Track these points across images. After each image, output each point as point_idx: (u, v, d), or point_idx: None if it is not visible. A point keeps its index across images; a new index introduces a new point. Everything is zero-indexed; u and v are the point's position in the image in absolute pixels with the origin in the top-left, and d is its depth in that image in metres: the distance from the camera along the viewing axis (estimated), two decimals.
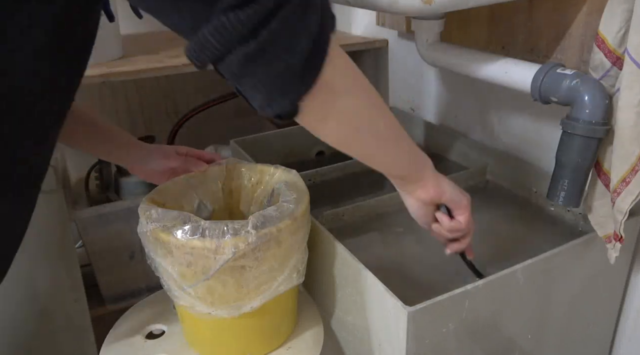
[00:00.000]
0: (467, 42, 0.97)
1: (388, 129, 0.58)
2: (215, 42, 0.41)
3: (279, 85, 0.45)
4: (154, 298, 0.82)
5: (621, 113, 0.64)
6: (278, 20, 0.41)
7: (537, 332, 0.76)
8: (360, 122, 0.55)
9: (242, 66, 0.42)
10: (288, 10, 0.41)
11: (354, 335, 0.75)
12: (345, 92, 0.51)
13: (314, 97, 0.47)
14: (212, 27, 0.40)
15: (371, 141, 0.58)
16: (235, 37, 0.41)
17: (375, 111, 0.57)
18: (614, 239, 0.71)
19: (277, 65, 0.43)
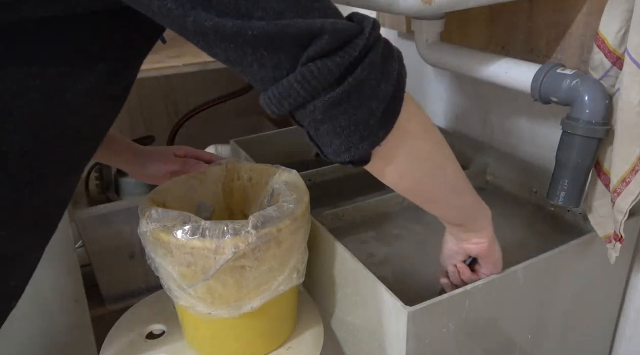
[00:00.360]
0: (467, 42, 0.97)
1: (454, 177, 0.59)
2: (300, 90, 0.42)
3: (360, 130, 0.45)
4: (154, 298, 0.82)
5: (621, 113, 0.64)
6: (363, 67, 0.42)
7: (537, 332, 0.76)
8: (428, 167, 0.56)
9: (326, 111, 0.43)
10: (372, 57, 0.43)
11: (354, 335, 0.75)
12: (417, 137, 0.52)
13: (389, 141, 0.48)
14: (300, 75, 0.41)
15: (437, 188, 0.58)
16: (322, 85, 0.42)
17: (444, 158, 0.57)
18: (614, 239, 0.71)
19: (361, 111, 0.44)
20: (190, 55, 1.14)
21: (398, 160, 0.51)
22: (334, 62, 0.41)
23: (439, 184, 0.58)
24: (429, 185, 0.57)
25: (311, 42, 0.41)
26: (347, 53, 0.42)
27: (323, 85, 0.42)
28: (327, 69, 0.41)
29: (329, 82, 0.42)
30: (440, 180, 0.57)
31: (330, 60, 0.41)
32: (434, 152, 0.55)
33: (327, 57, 0.41)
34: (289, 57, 0.41)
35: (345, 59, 0.41)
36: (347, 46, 0.42)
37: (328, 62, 0.41)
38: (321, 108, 0.43)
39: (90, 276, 1.12)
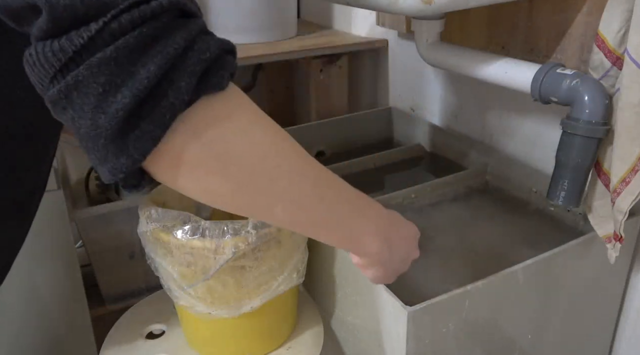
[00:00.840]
0: (467, 42, 0.97)
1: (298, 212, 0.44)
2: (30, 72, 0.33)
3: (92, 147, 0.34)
4: (154, 298, 0.82)
5: (621, 113, 0.64)
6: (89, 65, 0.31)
7: (537, 332, 0.76)
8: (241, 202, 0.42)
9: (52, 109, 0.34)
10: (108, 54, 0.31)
11: (354, 335, 0.75)
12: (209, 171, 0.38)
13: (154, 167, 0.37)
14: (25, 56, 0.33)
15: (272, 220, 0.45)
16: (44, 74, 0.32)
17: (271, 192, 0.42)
18: (614, 239, 0.71)
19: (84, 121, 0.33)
20: None
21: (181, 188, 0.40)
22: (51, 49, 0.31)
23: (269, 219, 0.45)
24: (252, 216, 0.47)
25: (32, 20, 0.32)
26: (70, 40, 0.31)
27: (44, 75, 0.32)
28: (44, 55, 0.31)
29: (49, 72, 0.32)
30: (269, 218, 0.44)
31: (50, 45, 0.31)
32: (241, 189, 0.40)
33: (50, 40, 0.31)
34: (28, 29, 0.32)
35: (66, 47, 0.31)
36: (75, 32, 0.31)
37: (47, 46, 0.31)
38: (48, 102, 0.33)
39: (90, 276, 1.12)
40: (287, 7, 1.30)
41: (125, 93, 0.32)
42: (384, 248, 0.53)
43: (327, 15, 1.45)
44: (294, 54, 1.21)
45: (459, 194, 0.99)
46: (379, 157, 1.09)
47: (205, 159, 0.37)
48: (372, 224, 0.51)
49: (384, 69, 1.32)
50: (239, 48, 0.99)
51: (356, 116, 1.24)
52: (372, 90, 1.39)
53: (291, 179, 0.42)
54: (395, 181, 1.07)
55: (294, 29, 1.33)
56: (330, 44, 1.26)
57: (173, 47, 0.33)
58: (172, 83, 0.33)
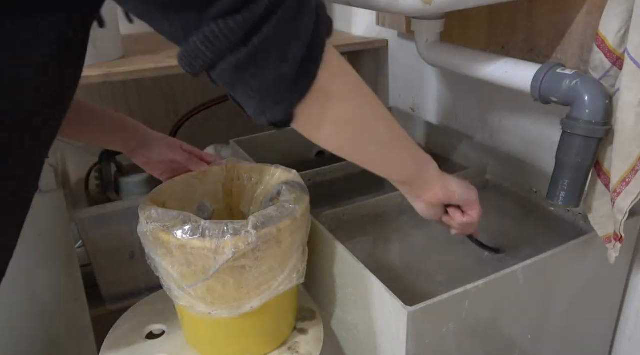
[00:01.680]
0: (467, 42, 0.97)
1: (388, 134, 0.57)
2: (205, 51, 0.40)
3: (272, 93, 0.43)
4: (154, 298, 0.82)
5: (621, 113, 0.64)
6: (269, 27, 0.40)
7: (537, 332, 0.76)
8: (357, 128, 0.53)
9: (234, 74, 0.42)
10: (280, 16, 0.40)
11: (354, 335, 0.75)
12: (341, 99, 0.49)
13: (308, 105, 0.46)
14: (202, 36, 0.39)
15: (371, 147, 0.56)
16: (226, 45, 0.40)
17: (373, 117, 0.55)
18: (614, 239, 0.71)
19: (269, 73, 0.42)
20: None
21: (322, 123, 0.49)
22: (235, 21, 0.39)
23: (371, 145, 0.56)
24: (358, 145, 0.55)
25: (213, 2, 0.38)
26: (251, 10, 0.39)
27: (227, 46, 0.40)
28: (228, 29, 0.39)
29: (232, 42, 0.40)
30: (371, 141, 0.56)
31: (233, 19, 0.38)
32: (360, 114, 0.53)
33: (230, 15, 0.38)
34: (195, 16, 0.39)
35: (248, 17, 0.39)
36: (252, 3, 0.39)
37: (230, 21, 0.38)
38: (228, 70, 0.41)
39: (90, 276, 1.12)
40: None
41: (298, 43, 0.42)
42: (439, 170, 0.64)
43: None
44: None
45: None
46: None
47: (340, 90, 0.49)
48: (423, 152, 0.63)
49: (384, 69, 1.32)
50: None
51: None
52: (372, 90, 1.39)
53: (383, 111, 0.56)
54: None
55: None
56: (330, 44, 1.26)
57: (314, 5, 0.43)
58: (318, 32, 0.43)
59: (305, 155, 1.17)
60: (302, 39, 0.42)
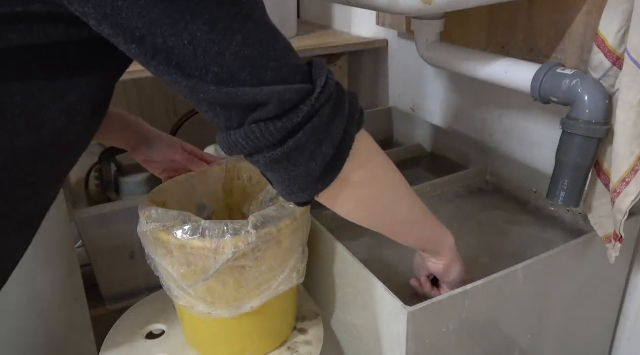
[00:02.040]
0: (467, 42, 0.97)
1: (408, 214, 0.62)
2: (245, 145, 0.46)
3: (300, 183, 0.49)
4: (154, 298, 0.82)
5: (621, 113, 0.64)
6: (304, 133, 0.46)
7: (537, 332, 0.76)
8: (376, 210, 0.58)
9: (267, 165, 0.48)
10: (315, 123, 0.46)
11: (354, 335, 0.75)
12: (362, 186, 0.54)
13: (330, 190, 0.51)
14: (244, 133, 0.45)
15: (388, 226, 0.62)
16: (264, 145, 0.45)
17: (393, 200, 0.59)
18: (614, 239, 0.71)
19: (300, 169, 0.48)
20: None
21: (342, 204, 0.55)
22: (276, 127, 0.44)
23: (389, 223, 0.61)
24: (377, 223, 0.60)
25: (257, 109, 0.44)
26: (290, 119, 0.45)
27: (265, 145, 0.46)
28: (269, 132, 0.45)
29: (270, 142, 0.45)
30: (390, 220, 0.61)
31: (273, 124, 0.44)
32: (381, 197, 0.57)
33: (271, 121, 0.44)
34: (238, 116, 0.45)
35: (287, 124, 0.45)
36: (291, 113, 0.45)
37: (271, 126, 0.44)
38: (263, 162, 0.47)
39: (90, 276, 1.12)
40: (287, 7, 1.30)
41: (328, 145, 0.47)
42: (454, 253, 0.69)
43: (327, 15, 1.45)
44: None
45: (459, 194, 0.99)
46: None
47: (361, 180, 0.53)
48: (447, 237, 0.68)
49: (384, 69, 1.32)
50: None
51: None
52: (372, 90, 1.39)
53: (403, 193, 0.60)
54: None
55: (294, 29, 1.33)
56: (330, 44, 1.26)
57: (346, 109, 0.49)
58: (348, 132, 0.49)
59: None
60: (332, 142, 0.48)
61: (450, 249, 0.68)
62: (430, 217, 0.65)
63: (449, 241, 0.68)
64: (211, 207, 0.78)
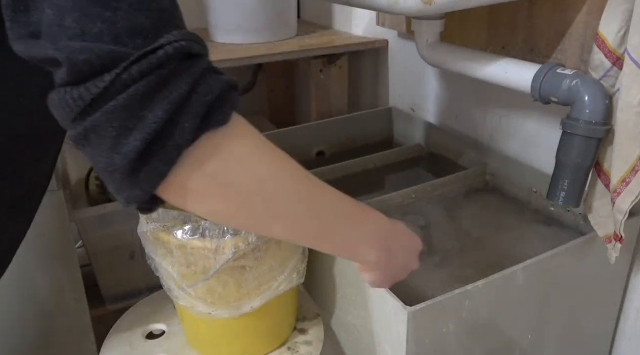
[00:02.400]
0: (467, 42, 0.97)
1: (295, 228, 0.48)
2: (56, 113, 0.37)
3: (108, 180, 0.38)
4: (154, 298, 0.82)
5: (621, 113, 0.64)
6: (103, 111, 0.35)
7: (537, 332, 0.76)
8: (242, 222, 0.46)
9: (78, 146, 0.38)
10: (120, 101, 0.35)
11: (354, 335, 0.75)
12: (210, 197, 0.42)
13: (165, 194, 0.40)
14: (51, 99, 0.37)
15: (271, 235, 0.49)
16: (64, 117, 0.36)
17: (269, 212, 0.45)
18: (614, 239, 0.71)
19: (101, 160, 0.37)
20: None
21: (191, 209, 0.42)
22: (71, 96, 0.35)
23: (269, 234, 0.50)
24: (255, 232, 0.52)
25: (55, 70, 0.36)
26: (87, 89, 0.35)
27: (65, 117, 0.36)
28: (64, 101, 0.35)
29: (69, 115, 0.36)
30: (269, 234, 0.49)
31: (69, 92, 0.35)
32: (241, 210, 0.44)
33: (71, 87, 0.35)
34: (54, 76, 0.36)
35: (84, 95, 0.35)
36: (90, 81, 0.35)
37: (67, 94, 0.35)
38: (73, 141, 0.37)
39: (90, 276, 1.12)
40: (287, 7, 1.30)
41: (136, 136, 0.36)
42: (382, 256, 0.55)
43: (327, 15, 1.45)
44: (294, 54, 1.21)
45: (459, 194, 0.99)
46: (379, 157, 1.09)
47: (207, 188, 0.41)
48: (368, 235, 0.54)
49: (384, 69, 1.32)
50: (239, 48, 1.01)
51: (356, 116, 1.24)
52: (372, 90, 1.39)
53: (286, 200, 0.46)
54: (395, 181, 1.07)
55: (294, 29, 1.33)
56: (330, 44, 1.26)
57: (178, 92, 0.36)
58: (177, 124, 0.37)
59: (305, 155, 1.17)
60: (142, 133, 0.36)
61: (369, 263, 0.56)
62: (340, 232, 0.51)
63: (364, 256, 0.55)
64: None
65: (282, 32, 1.28)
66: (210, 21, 1.28)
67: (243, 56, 1.13)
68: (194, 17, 1.42)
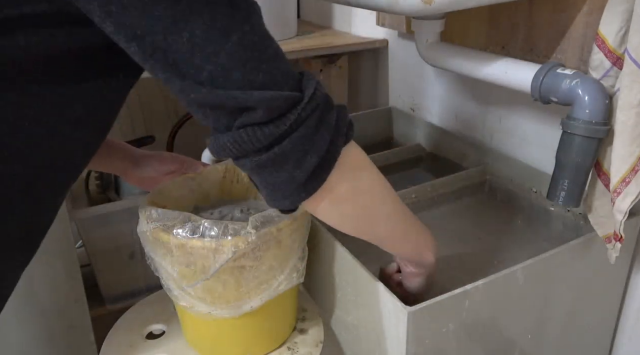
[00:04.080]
0: (467, 42, 0.97)
1: (390, 230, 0.63)
2: (232, 149, 0.46)
3: (283, 189, 0.50)
4: (154, 298, 0.82)
5: (621, 113, 0.64)
6: (290, 140, 0.46)
7: (537, 332, 0.76)
8: (360, 223, 0.59)
9: (253, 169, 0.48)
10: (301, 132, 0.46)
11: (354, 335, 0.75)
12: (347, 198, 0.54)
13: (314, 200, 0.51)
14: (232, 138, 0.46)
15: (371, 237, 0.62)
16: (251, 149, 0.46)
17: (376, 216, 0.60)
18: (614, 239, 0.71)
19: (284, 175, 0.48)
20: None
21: (325, 214, 0.55)
22: (263, 133, 0.45)
23: (372, 235, 0.62)
24: (361, 234, 0.61)
25: (245, 113, 0.45)
26: (277, 126, 0.45)
27: (252, 149, 0.46)
28: (256, 137, 0.45)
29: (257, 147, 0.46)
30: (372, 233, 0.62)
31: (260, 130, 0.45)
32: (364, 211, 0.58)
33: (259, 126, 0.45)
34: (226, 118, 0.46)
35: (274, 131, 0.45)
36: (279, 120, 0.45)
37: (258, 131, 0.45)
38: (249, 165, 0.48)
39: (90, 276, 1.12)
40: (287, 7, 1.30)
41: (313, 155, 0.48)
42: (434, 263, 0.69)
43: (327, 15, 1.45)
44: (294, 54, 1.21)
45: (459, 194, 0.99)
46: (379, 157, 1.09)
47: (346, 192, 0.54)
48: (431, 243, 0.68)
49: (384, 69, 1.32)
50: None
51: (356, 116, 1.24)
52: (372, 90, 1.39)
53: (389, 205, 0.61)
54: (395, 181, 1.07)
55: (293, 29, 1.33)
56: (330, 44, 1.26)
57: (333, 119, 0.49)
58: (334, 143, 0.49)
59: None
60: (317, 151, 0.48)
61: (426, 266, 0.69)
62: (415, 235, 0.66)
63: (427, 259, 0.68)
64: None
65: (282, 32, 1.28)
66: None
67: None
68: None
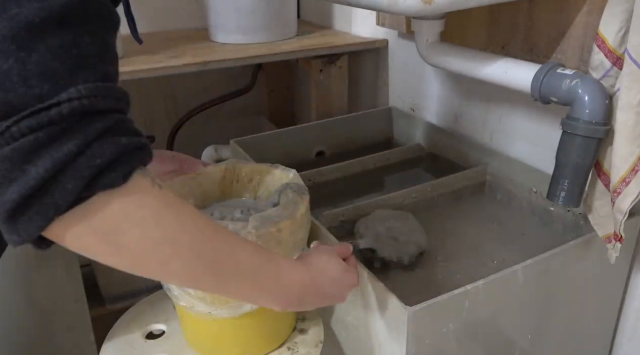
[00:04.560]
0: (467, 42, 0.97)
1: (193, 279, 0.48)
2: None
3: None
4: (154, 298, 0.82)
5: (621, 113, 0.64)
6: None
7: (537, 332, 0.76)
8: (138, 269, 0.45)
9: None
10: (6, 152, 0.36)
11: (354, 335, 0.75)
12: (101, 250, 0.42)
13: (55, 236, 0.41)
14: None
15: None
16: None
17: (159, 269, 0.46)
18: (614, 239, 0.71)
19: None
20: (190, 56, 1.14)
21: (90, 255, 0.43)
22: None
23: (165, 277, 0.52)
24: None
25: None
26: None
27: None
28: None
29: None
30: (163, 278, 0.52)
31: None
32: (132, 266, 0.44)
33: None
34: None
35: None
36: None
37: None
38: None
39: (90, 276, 1.12)
40: (287, 7, 1.30)
41: (14, 189, 0.36)
42: (288, 307, 0.57)
43: (327, 15, 1.45)
44: (294, 54, 1.21)
45: (459, 194, 0.99)
46: (379, 157, 1.09)
47: (99, 246, 0.42)
48: (273, 294, 0.54)
49: (384, 69, 1.32)
50: (239, 48, 0.99)
51: (356, 116, 1.24)
52: (372, 90, 1.39)
53: (184, 261, 0.45)
54: (395, 181, 1.07)
55: (293, 29, 1.33)
56: (330, 44, 1.26)
57: (63, 153, 0.37)
58: (59, 184, 0.37)
59: (305, 155, 1.17)
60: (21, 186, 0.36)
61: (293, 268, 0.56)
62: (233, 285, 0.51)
63: None
64: None
65: (282, 32, 1.28)
66: (210, 21, 1.28)
67: (243, 56, 1.13)
68: (194, 17, 1.42)
